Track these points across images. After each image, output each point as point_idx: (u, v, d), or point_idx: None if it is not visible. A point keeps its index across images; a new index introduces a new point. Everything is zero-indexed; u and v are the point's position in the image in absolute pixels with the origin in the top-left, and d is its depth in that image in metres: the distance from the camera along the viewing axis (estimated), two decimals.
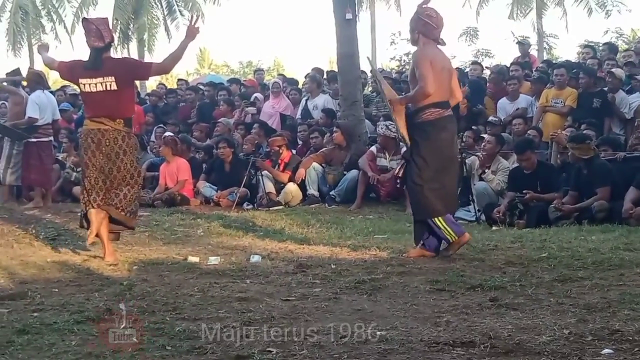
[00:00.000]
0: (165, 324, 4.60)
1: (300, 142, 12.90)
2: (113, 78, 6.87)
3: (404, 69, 22.38)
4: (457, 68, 16.65)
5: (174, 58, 7.09)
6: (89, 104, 7.16)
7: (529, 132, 10.79)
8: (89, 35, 6.97)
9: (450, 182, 6.84)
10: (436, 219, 6.63)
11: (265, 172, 11.58)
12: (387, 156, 11.11)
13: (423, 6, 6.76)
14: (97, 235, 7.00)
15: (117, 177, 6.97)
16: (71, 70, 7.19)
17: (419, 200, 6.74)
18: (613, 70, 11.49)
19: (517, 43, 17.59)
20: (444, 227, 6.64)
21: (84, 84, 6.95)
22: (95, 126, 6.95)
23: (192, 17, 8.82)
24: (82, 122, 14.27)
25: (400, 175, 7.19)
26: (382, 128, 11.16)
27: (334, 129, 11.96)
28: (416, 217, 6.89)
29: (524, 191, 9.20)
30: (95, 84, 6.90)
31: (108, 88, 6.88)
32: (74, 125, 14.78)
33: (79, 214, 7.27)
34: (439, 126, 6.60)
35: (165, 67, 7.36)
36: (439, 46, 6.77)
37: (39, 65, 33.34)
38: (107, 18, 7.42)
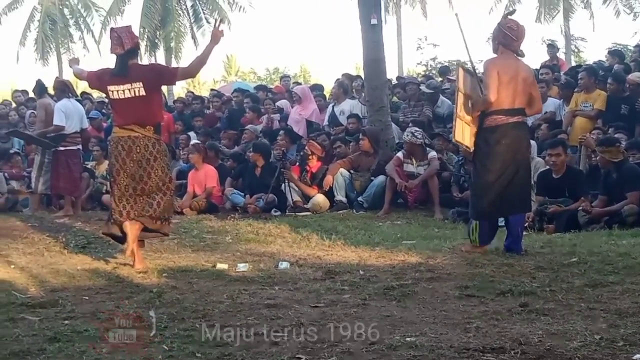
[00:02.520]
0: (195, 331, 4.63)
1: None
2: (141, 84, 6.91)
3: (430, 74, 22.35)
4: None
5: (200, 62, 7.13)
6: (118, 111, 7.19)
7: (560, 135, 10.71)
8: (111, 43, 7.05)
9: (509, 187, 6.97)
10: (475, 222, 7.08)
11: None
12: (414, 162, 11.08)
13: (507, 17, 7.13)
14: (115, 239, 7.06)
15: (148, 183, 7.00)
16: (99, 79, 7.24)
17: (473, 200, 7.30)
18: (631, 76, 11.42)
19: (547, 45, 17.49)
20: (474, 230, 7.05)
21: (112, 91, 6.99)
22: (125, 133, 6.99)
23: (216, 21, 8.85)
24: (111, 131, 14.48)
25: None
26: (408, 135, 11.14)
27: (360, 135, 11.94)
28: (470, 215, 7.38)
29: (549, 206, 9.11)
30: (123, 91, 6.94)
31: (136, 94, 6.92)
32: (103, 133, 14.88)
33: (107, 220, 7.30)
34: (500, 133, 6.90)
35: (191, 71, 7.40)
36: (518, 57, 7.09)
37: (68, 74, 33.77)
38: (130, 26, 7.45)
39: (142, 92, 6.91)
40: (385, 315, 4.94)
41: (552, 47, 16.43)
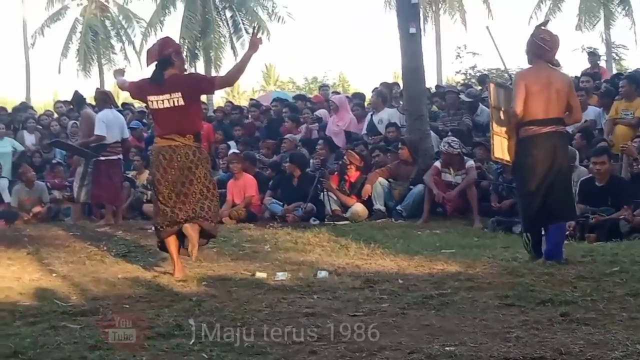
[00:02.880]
0: (234, 339, 4.64)
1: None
2: (180, 94, 6.96)
3: (469, 82, 22.25)
4: None
5: (238, 70, 7.18)
6: (158, 121, 7.26)
7: (601, 143, 10.60)
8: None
9: (547, 198, 6.94)
10: (526, 234, 7.13)
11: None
12: (452, 172, 11.04)
13: (540, 28, 7.16)
14: (167, 251, 7.11)
15: (191, 190, 7.04)
16: (140, 89, 7.32)
17: (520, 212, 7.40)
18: None
19: (588, 53, 17.32)
20: (527, 242, 7.10)
21: (152, 101, 7.06)
22: (166, 143, 7.05)
23: (254, 29, 8.91)
24: (152, 141, 14.60)
25: None
26: (444, 145, 11.11)
27: (399, 144, 11.93)
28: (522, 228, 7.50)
29: (591, 215, 9.01)
30: (163, 101, 7.00)
31: (176, 104, 6.97)
32: (144, 143, 15.01)
33: (153, 230, 7.33)
34: (531, 143, 6.92)
35: (229, 80, 7.45)
36: (553, 67, 7.11)
37: (109, 85, 34.14)
38: (167, 37, 7.54)
39: (181, 102, 6.96)
40: (424, 325, 4.92)
41: (593, 55, 16.27)
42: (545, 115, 6.89)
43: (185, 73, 7.37)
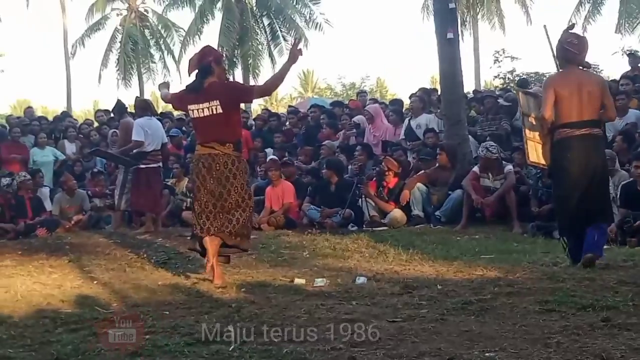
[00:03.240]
0: (273, 345, 4.66)
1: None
2: (218, 102, 7.00)
3: (508, 87, 22.11)
4: None
5: (276, 80, 7.22)
6: (198, 130, 7.33)
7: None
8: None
9: (583, 201, 6.95)
10: (563, 238, 7.19)
11: None
12: (491, 177, 10.98)
13: (567, 32, 7.21)
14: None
15: (227, 200, 7.07)
16: (180, 99, 7.40)
17: (556, 216, 7.47)
18: None
19: (628, 55, 17.10)
20: (564, 246, 7.15)
21: (192, 110, 7.12)
22: (206, 151, 7.10)
23: (295, 40, 8.94)
24: (192, 148, 14.68)
25: None
26: (482, 150, 11.05)
27: (438, 150, 11.89)
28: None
29: (634, 220, 8.91)
30: (202, 109, 7.04)
31: (214, 112, 7.01)
32: (183, 151, 15.12)
33: (189, 237, 7.38)
34: (565, 146, 6.97)
35: (267, 89, 7.49)
36: (584, 69, 7.23)
37: (149, 95, 34.39)
38: (208, 46, 7.59)
39: (220, 110, 7.00)
40: (463, 330, 4.90)
41: (633, 57, 16.03)
42: (579, 118, 6.92)
43: (225, 81, 7.39)
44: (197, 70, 7.18)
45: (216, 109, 7.00)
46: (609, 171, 9.57)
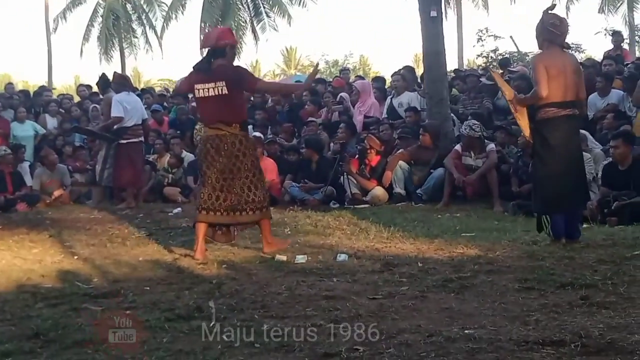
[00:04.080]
0: (254, 321, 4.67)
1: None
2: (224, 83, 7.04)
3: (490, 65, 22.13)
4: None
5: (282, 88, 7.51)
6: (203, 110, 7.42)
7: (622, 126, 10.52)
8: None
9: (568, 180, 7.06)
10: (544, 216, 7.09)
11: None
12: (473, 155, 11.01)
13: (548, 13, 7.17)
14: (206, 235, 7.21)
15: (238, 177, 7.13)
16: (188, 80, 7.45)
17: (535, 195, 7.32)
18: None
19: (612, 33, 17.11)
20: (546, 224, 7.06)
21: (198, 89, 7.16)
22: (213, 132, 7.16)
23: (316, 65, 9.12)
24: (174, 124, 14.63)
25: None
26: (466, 129, 11.06)
27: (421, 130, 11.87)
28: (533, 210, 7.53)
29: (613, 200, 8.96)
30: (208, 89, 7.10)
31: (219, 92, 7.05)
32: (167, 126, 15.08)
33: (197, 210, 7.31)
34: (553, 125, 6.98)
35: (270, 89, 7.62)
36: (564, 50, 7.21)
37: (130, 70, 34.16)
38: (228, 28, 7.60)
39: (225, 91, 7.04)
40: (443, 308, 4.93)
41: (617, 35, 16.03)
42: (564, 98, 6.97)
43: (234, 65, 7.38)
44: (209, 49, 7.22)
45: (222, 89, 7.04)
46: (587, 150, 9.69)
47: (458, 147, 11.21)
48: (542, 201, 7.13)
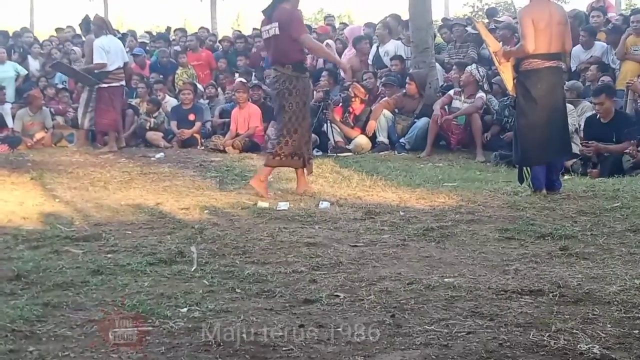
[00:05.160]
0: (235, 267, 4.69)
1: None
2: (277, 24, 7.26)
3: (476, 15, 22.02)
4: None
5: (319, 50, 8.47)
6: (267, 52, 7.80)
7: (602, 78, 10.52)
8: None
9: (550, 132, 7.06)
10: (525, 168, 7.10)
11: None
12: (463, 98, 11.04)
13: None
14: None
15: (284, 117, 7.41)
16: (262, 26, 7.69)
17: (516, 146, 7.24)
18: None
19: None
20: (527, 175, 7.09)
21: (262, 32, 7.52)
22: (274, 73, 7.46)
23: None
24: (156, 68, 14.50)
25: None
26: (471, 67, 11.22)
27: (407, 79, 11.83)
28: (514, 161, 7.52)
29: (589, 143, 9.01)
30: (267, 31, 7.39)
31: (274, 34, 7.30)
32: (148, 70, 14.95)
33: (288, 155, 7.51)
34: (537, 76, 6.98)
35: (312, 48, 7.97)
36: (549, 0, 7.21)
37: (112, 9, 33.82)
38: None
39: (277, 32, 7.27)
40: (424, 256, 4.96)
41: None
42: (548, 50, 6.94)
43: (292, 9, 7.46)
44: None
45: (275, 30, 7.27)
46: (574, 102, 9.70)
47: (451, 91, 11.33)
48: (523, 153, 7.12)
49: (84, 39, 12.82)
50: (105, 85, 11.55)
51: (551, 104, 7.03)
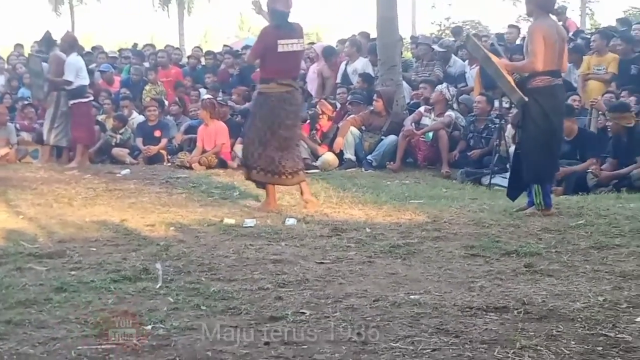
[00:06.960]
0: (201, 284, 4.66)
1: (338, 105, 12.70)
2: (303, 40, 7.77)
3: (443, 34, 22.18)
4: (497, 33, 16.43)
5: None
6: (285, 64, 7.69)
7: (571, 97, 10.63)
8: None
9: (556, 150, 7.11)
10: (537, 186, 6.94)
11: None
12: (432, 115, 11.16)
13: None
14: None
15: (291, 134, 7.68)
16: (265, 38, 7.62)
17: (529, 164, 6.97)
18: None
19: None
20: (537, 194, 6.93)
21: (282, 45, 7.45)
22: (284, 89, 7.54)
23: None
24: (127, 84, 14.56)
25: None
26: (442, 87, 11.44)
27: (375, 96, 11.87)
28: (526, 180, 7.09)
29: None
30: (292, 44, 7.50)
31: (301, 49, 7.76)
32: (118, 85, 14.95)
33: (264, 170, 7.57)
34: (548, 93, 6.87)
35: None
36: (552, 16, 7.14)
37: (79, 26, 33.62)
38: None
39: (302, 48, 7.76)
40: (390, 273, 4.96)
41: (561, 8, 16.22)
42: (558, 67, 6.95)
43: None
44: (289, 11, 7.52)
45: (302, 45, 7.71)
46: None
47: (422, 108, 11.46)
48: (537, 171, 6.93)
49: (47, 55, 12.68)
50: (85, 100, 11.86)
51: (559, 121, 7.05)
